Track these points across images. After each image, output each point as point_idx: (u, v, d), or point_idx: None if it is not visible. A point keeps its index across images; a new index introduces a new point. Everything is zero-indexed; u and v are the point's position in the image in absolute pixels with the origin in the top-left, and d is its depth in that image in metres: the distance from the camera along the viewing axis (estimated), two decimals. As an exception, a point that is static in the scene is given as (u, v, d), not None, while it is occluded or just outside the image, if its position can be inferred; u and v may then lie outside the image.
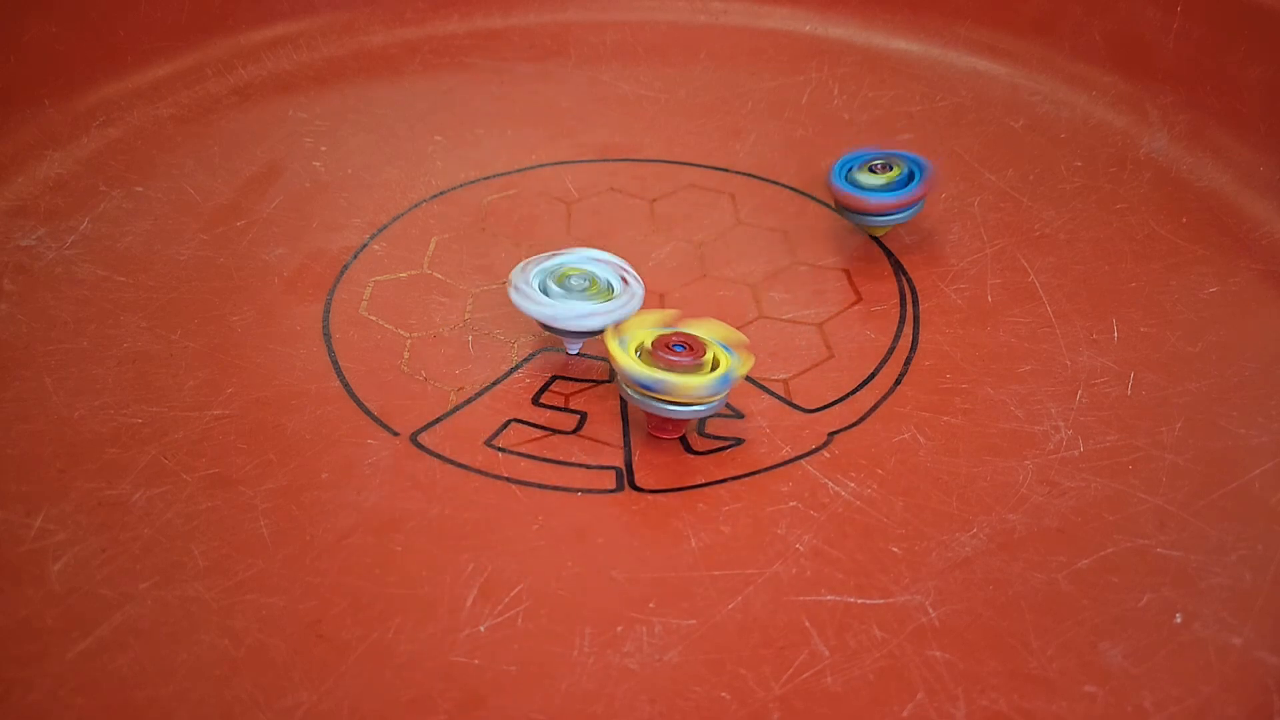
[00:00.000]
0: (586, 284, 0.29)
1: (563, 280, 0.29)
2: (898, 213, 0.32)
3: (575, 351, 0.30)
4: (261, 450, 0.27)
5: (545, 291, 0.29)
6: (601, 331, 0.28)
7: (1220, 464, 0.27)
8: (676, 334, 0.27)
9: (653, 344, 0.26)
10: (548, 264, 0.29)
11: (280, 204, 0.36)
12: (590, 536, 0.25)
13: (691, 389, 0.25)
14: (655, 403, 0.26)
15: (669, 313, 0.28)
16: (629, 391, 0.26)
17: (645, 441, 0.27)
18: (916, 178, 0.32)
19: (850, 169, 0.33)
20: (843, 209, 0.33)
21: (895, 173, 0.32)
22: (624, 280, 0.29)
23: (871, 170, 0.32)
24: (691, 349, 0.26)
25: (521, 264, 0.29)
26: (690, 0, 0.47)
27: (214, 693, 0.22)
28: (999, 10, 0.43)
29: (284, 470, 0.26)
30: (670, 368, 0.26)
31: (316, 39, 0.44)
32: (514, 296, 0.29)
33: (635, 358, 0.26)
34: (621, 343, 0.27)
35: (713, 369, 0.26)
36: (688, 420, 0.27)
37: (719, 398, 0.26)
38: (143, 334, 0.30)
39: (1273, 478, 0.26)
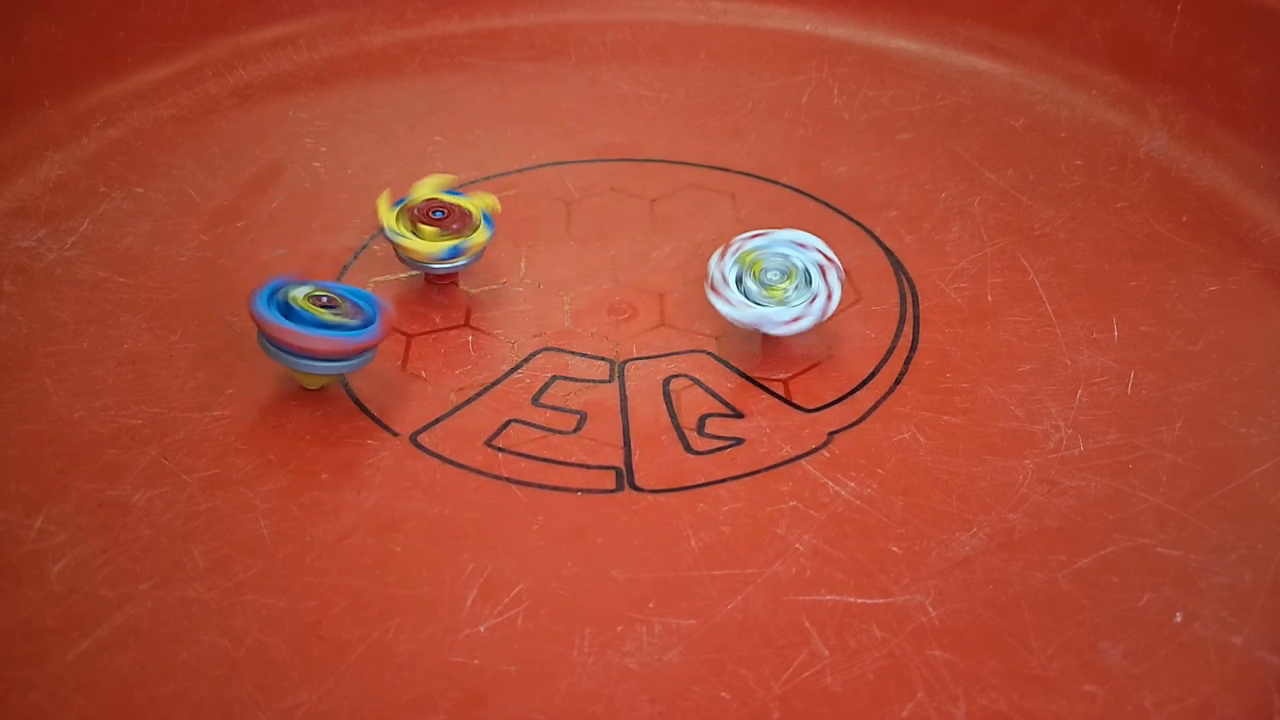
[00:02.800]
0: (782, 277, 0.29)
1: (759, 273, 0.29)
2: (350, 359, 0.27)
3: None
4: (261, 450, 0.27)
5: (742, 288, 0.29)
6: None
7: (1220, 463, 0.27)
8: (439, 201, 0.31)
9: (419, 207, 0.30)
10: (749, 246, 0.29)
11: (280, 204, 0.36)
12: (590, 536, 0.25)
13: (423, 252, 0.30)
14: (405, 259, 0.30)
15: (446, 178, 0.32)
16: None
17: (645, 441, 0.27)
18: (372, 317, 0.27)
19: (281, 293, 0.26)
20: (273, 343, 0.26)
21: (343, 309, 0.27)
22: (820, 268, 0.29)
23: (316, 302, 0.26)
24: (450, 215, 0.30)
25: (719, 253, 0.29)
26: (690, 0, 0.47)
27: (214, 693, 0.22)
28: (999, 10, 0.43)
29: (284, 470, 0.26)
30: (420, 228, 0.30)
31: (316, 39, 0.44)
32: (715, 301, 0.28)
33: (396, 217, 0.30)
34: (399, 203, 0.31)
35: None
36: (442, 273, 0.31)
37: (446, 263, 0.30)
38: (143, 335, 0.30)
39: (1273, 477, 0.26)
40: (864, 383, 0.29)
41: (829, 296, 0.29)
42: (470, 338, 0.30)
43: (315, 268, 0.33)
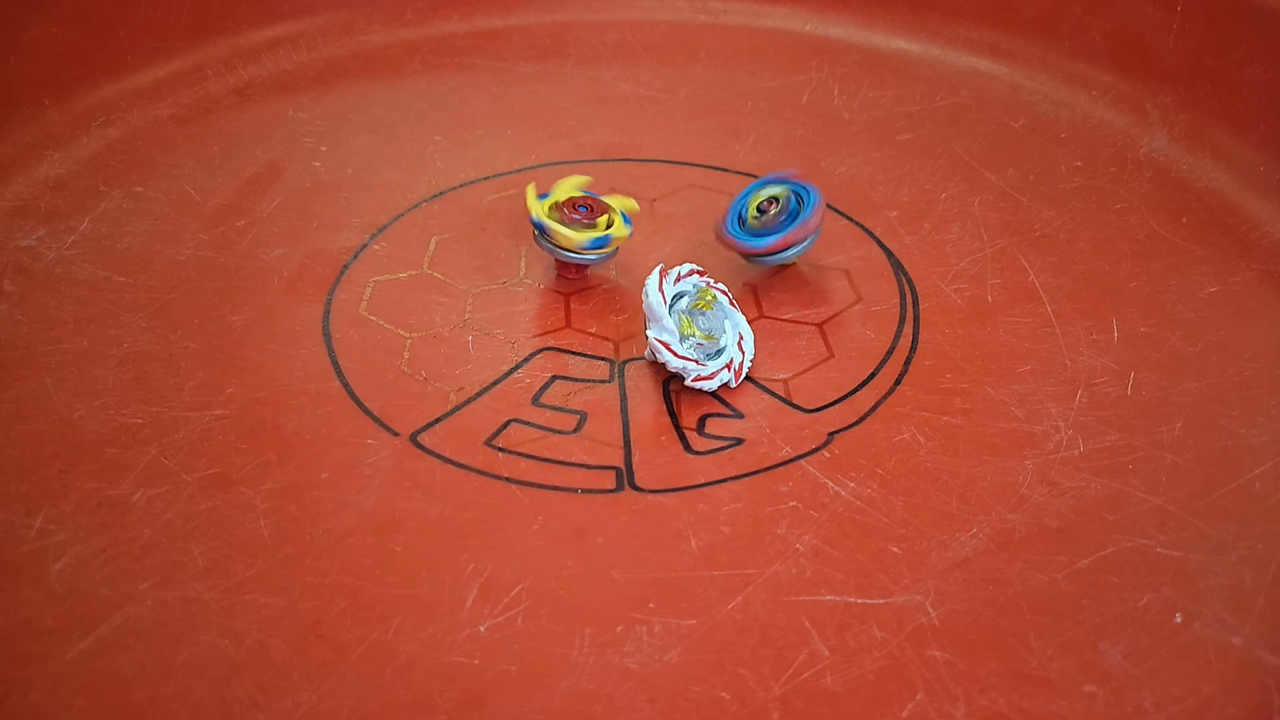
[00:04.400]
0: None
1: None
2: (793, 248, 0.31)
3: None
4: (261, 450, 0.27)
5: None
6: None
7: (1220, 464, 0.27)
8: (584, 197, 0.31)
9: (563, 202, 0.31)
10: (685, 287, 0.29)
11: (280, 204, 0.36)
12: (590, 536, 0.25)
13: (575, 240, 0.31)
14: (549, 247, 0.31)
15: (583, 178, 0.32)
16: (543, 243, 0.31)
17: (645, 441, 0.27)
18: (807, 201, 0.31)
19: (741, 215, 0.32)
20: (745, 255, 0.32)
21: (779, 209, 0.31)
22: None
23: (760, 211, 0.31)
24: (593, 210, 0.31)
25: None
26: (690, 0, 0.47)
27: (214, 693, 0.22)
28: (999, 10, 0.43)
29: (284, 470, 0.26)
30: (568, 222, 0.31)
31: (316, 39, 0.44)
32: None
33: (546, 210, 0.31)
34: (542, 197, 0.31)
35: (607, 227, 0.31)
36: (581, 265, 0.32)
37: (592, 252, 0.31)
38: (143, 334, 0.30)
39: (1273, 478, 0.26)
40: (864, 383, 0.29)
41: (729, 366, 0.28)
42: (470, 338, 0.30)
43: (315, 267, 0.33)
